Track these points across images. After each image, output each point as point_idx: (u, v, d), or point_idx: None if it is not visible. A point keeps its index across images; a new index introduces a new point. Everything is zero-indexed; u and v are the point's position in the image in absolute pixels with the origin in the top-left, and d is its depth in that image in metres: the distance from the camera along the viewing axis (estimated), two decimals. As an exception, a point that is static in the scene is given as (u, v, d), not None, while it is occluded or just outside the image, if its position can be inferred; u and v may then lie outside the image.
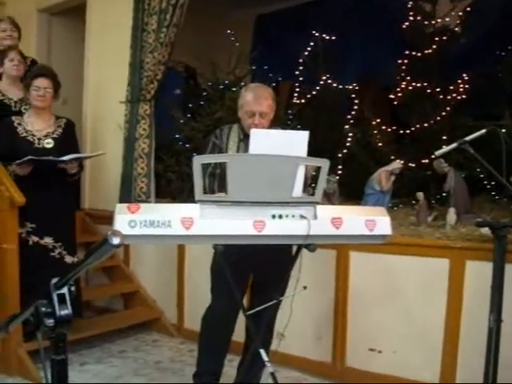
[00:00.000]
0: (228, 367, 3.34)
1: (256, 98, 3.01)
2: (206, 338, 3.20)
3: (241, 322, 3.15)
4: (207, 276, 3.20)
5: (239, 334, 3.23)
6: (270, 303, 2.73)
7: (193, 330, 4.29)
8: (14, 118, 3.96)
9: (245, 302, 3.13)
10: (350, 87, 5.11)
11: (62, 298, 1.10)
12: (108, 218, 4.83)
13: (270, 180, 2.29)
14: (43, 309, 1.09)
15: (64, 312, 1.09)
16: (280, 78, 5.43)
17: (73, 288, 1.11)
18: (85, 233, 5.17)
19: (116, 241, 0.94)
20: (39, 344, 1.22)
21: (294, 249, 2.75)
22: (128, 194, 4.73)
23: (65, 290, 1.10)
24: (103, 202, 5.23)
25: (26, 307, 1.30)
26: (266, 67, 5.44)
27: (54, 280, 1.10)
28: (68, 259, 3.99)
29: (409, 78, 4.61)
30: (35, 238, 3.89)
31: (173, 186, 4.83)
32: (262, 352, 2.72)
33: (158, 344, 4.52)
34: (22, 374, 3.71)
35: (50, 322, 1.09)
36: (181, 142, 4.94)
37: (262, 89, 3.12)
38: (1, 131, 3.94)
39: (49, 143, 3.91)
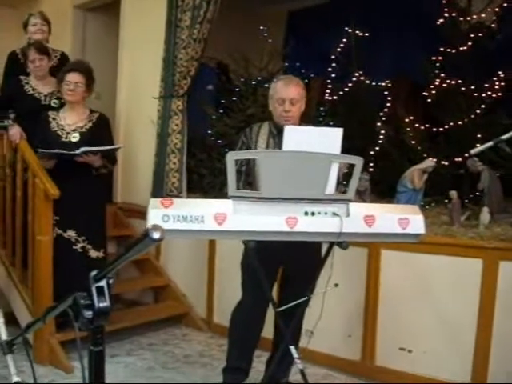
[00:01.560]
0: (256, 363, 3.35)
1: (286, 85, 3.01)
2: (236, 333, 3.22)
3: (268, 317, 3.16)
4: (237, 271, 3.22)
5: (266, 330, 3.24)
6: (301, 300, 2.73)
7: (222, 325, 4.33)
8: (49, 112, 4.03)
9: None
10: (383, 84, 5.05)
11: (100, 290, 1.11)
12: (140, 212, 4.94)
13: (303, 177, 2.30)
14: (82, 301, 1.11)
15: (102, 304, 1.11)
16: (312, 75, 5.41)
17: (111, 281, 1.13)
18: (117, 226, 5.24)
19: (157, 235, 0.95)
20: (76, 335, 1.24)
21: (324, 245, 2.75)
22: (160, 189, 4.76)
23: (103, 283, 1.12)
24: (135, 196, 5.28)
25: (61, 299, 1.32)
26: (298, 63, 5.42)
27: (94, 273, 1.12)
28: (92, 253, 4.01)
29: (443, 75, 4.56)
30: (59, 231, 3.93)
31: (204, 181, 4.85)
32: (292, 349, 2.73)
33: (187, 338, 4.54)
34: (53, 363, 3.78)
35: (88, 313, 1.11)
36: (213, 138, 4.96)
37: (291, 77, 3.14)
38: (38, 126, 4.01)
39: (75, 137, 3.95)
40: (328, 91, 5.23)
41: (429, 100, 4.61)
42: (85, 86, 3.98)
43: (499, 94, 4.33)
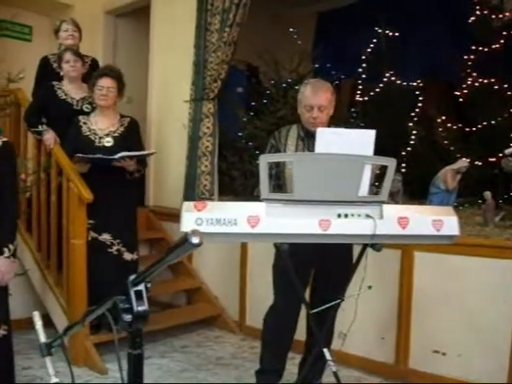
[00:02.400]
0: (289, 365, 3.34)
1: (314, 92, 3.00)
2: (269, 335, 3.22)
3: (300, 320, 3.16)
4: (269, 274, 3.22)
5: (298, 332, 3.24)
6: (334, 302, 2.72)
7: (254, 327, 4.34)
8: (80, 117, 4.08)
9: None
10: (414, 84, 5.01)
11: (139, 294, 1.13)
12: (172, 215, 4.98)
13: (335, 179, 2.29)
14: (121, 304, 1.13)
15: (141, 308, 1.12)
16: (342, 76, 5.39)
17: (149, 285, 1.14)
18: (149, 229, 5.29)
19: (196, 240, 0.96)
20: (114, 338, 1.26)
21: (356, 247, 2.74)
22: (192, 192, 4.80)
23: (142, 287, 1.13)
24: (167, 199, 5.32)
25: (100, 302, 1.34)
26: (328, 65, 5.41)
27: (132, 277, 1.13)
28: (127, 256, 4.06)
29: (475, 74, 4.50)
30: (94, 235, 3.98)
31: (236, 183, 4.87)
32: (326, 351, 2.72)
33: (219, 340, 4.56)
34: (87, 364, 3.83)
35: (127, 317, 1.12)
36: (244, 140, 4.98)
37: (320, 83, 3.12)
38: (69, 131, 4.06)
39: (108, 142, 4.00)
40: (359, 92, 5.21)
41: (461, 99, 4.56)
42: (116, 91, 4.03)
43: (533, 93, 4.27)
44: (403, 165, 4.51)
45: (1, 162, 2.78)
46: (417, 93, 4.95)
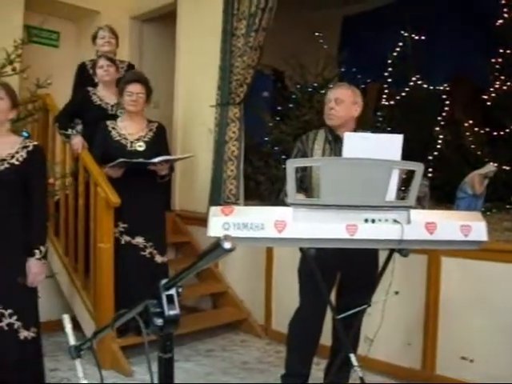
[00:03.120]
0: (314, 370, 3.33)
1: (334, 87, 3.17)
2: (295, 339, 3.21)
3: (325, 324, 3.15)
4: (295, 277, 3.22)
5: (323, 336, 3.23)
6: (362, 307, 2.71)
7: (280, 332, 4.33)
8: (108, 122, 4.12)
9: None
10: (441, 88, 4.98)
11: (170, 298, 1.14)
12: (198, 219, 5.00)
13: (363, 184, 2.29)
14: (153, 309, 1.14)
15: (172, 312, 1.14)
16: (368, 80, 5.37)
17: (180, 289, 1.15)
18: (175, 233, 5.32)
19: (228, 245, 0.97)
20: (145, 341, 1.27)
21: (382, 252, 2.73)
22: (218, 196, 4.81)
23: (173, 291, 1.14)
24: (193, 204, 5.35)
25: (131, 306, 1.35)
26: (353, 69, 5.39)
27: (164, 281, 1.15)
28: (158, 259, 4.10)
29: (503, 77, 4.46)
30: (127, 238, 4.02)
31: (261, 188, 4.87)
32: (352, 356, 2.71)
33: (245, 344, 4.57)
34: (114, 367, 3.86)
35: (159, 321, 1.14)
36: (270, 145, 4.98)
37: (343, 83, 3.26)
38: (97, 135, 4.11)
39: (140, 146, 4.04)
40: (385, 96, 5.19)
41: (488, 103, 4.52)
42: (145, 96, 4.08)
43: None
44: (430, 169, 4.47)
45: (32, 166, 2.85)
46: (443, 96, 4.93)
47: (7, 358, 2.82)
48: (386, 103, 5.13)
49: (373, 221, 2.34)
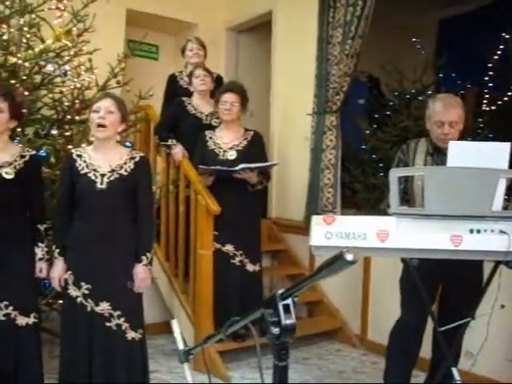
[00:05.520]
0: (411, 382, 3.27)
1: (445, 107, 2.93)
2: (395, 350, 3.17)
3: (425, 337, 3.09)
4: (392, 288, 3.18)
5: (422, 349, 3.17)
6: (465, 320, 2.65)
7: (376, 342, 4.28)
8: (207, 132, 4.24)
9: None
10: (547, 92, 4.77)
11: (286, 308, 1.17)
12: (294, 227, 5.02)
13: (468, 193, 2.24)
14: (269, 318, 1.17)
15: (289, 321, 1.16)
16: (468, 85, 5.21)
17: (296, 299, 1.18)
18: (271, 241, 5.37)
19: (350, 257, 0.98)
20: (257, 348, 1.30)
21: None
22: (315, 205, 4.81)
23: (289, 301, 1.17)
24: (289, 212, 5.37)
25: (244, 314, 1.39)
26: (452, 74, 5.25)
27: (280, 291, 1.18)
28: (249, 267, 4.14)
29: None
30: (217, 246, 4.09)
31: (359, 196, 4.83)
32: (455, 371, 2.65)
33: (340, 354, 4.54)
34: (211, 371, 3.89)
35: (276, 330, 1.17)
36: (367, 153, 4.93)
37: (451, 98, 3.05)
38: (197, 145, 4.23)
39: (232, 155, 4.12)
40: (486, 101, 5.02)
41: None
42: (240, 106, 4.16)
43: None
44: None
45: (139, 176, 2.97)
46: (550, 101, 4.71)
47: (118, 357, 2.95)
48: (487, 109, 4.95)
49: (478, 231, 2.28)
